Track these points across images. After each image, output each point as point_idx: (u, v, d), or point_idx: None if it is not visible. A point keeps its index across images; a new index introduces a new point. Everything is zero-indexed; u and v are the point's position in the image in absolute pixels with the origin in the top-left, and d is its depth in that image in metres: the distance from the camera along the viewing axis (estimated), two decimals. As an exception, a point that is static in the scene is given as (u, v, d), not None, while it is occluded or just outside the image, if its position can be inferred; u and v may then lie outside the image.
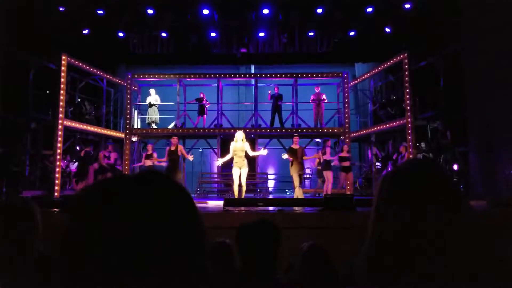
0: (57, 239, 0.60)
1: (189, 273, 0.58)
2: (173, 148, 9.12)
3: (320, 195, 10.71)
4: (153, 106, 12.55)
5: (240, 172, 8.26)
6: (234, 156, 8.30)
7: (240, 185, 8.33)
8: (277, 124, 12.37)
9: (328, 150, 9.82)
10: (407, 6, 11.64)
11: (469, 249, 0.77)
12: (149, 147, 10.34)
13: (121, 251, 0.54)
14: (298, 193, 8.86)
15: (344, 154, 10.25)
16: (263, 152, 9.40)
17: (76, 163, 10.26)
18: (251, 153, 8.54)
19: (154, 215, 0.57)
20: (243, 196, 8.24)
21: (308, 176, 13.36)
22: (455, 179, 9.96)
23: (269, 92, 12.61)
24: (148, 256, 0.54)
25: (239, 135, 8.32)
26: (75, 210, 0.60)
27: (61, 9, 11.68)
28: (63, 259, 0.57)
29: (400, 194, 0.82)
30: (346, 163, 10.22)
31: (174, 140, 9.27)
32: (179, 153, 9.14)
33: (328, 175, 9.61)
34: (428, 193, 0.80)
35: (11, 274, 1.42)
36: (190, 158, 9.63)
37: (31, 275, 1.44)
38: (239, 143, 8.23)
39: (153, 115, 12.54)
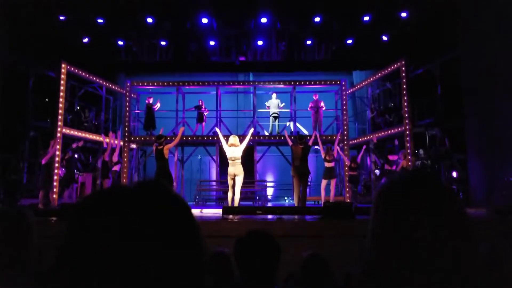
0: (54, 248, 0.59)
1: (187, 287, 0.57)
2: (160, 147, 7.71)
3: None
4: (149, 111, 12.44)
5: (234, 180, 7.73)
6: (229, 164, 7.71)
7: (233, 193, 7.78)
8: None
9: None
10: (403, 14, 11.74)
11: (468, 258, 0.76)
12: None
13: (118, 263, 0.54)
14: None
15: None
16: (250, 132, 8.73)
17: (64, 170, 10.15)
18: (245, 144, 7.90)
19: (151, 228, 0.57)
20: (236, 205, 7.69)
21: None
22: (454, 187, 9.94)
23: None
24: (144, 269, 0.54)
25: (235, 140, 7.77)
26: (73, 219, 0.60)
27: (61, 17, 11.76)
28: (59, 269, 0.56)
29: (397, 203, 0.81)
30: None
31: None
32: (166, 155, 7.71)
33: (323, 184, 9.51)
34: (425, 202, 0.80)
35: (3, 284, 1.40)
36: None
37: (25, 285, 1.42)
38: (234, 149, 7.69)
39: (148, 120, 12.39)
